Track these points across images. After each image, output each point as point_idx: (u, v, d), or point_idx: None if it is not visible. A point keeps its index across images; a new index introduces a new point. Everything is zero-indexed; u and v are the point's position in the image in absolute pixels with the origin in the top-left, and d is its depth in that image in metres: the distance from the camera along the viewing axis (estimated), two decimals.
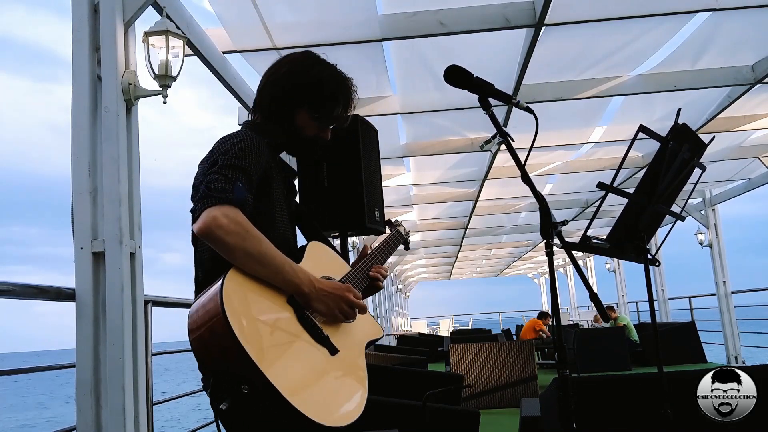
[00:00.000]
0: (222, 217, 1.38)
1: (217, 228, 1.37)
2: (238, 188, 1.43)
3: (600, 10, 3.91)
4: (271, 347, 1.34)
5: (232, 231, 1.38)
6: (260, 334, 1.35)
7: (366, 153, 2.95)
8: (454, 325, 24.63)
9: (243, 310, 1.35)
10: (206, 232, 1.38)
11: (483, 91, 1.70)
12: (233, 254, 1.39)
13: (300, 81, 1.68)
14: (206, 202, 1.40)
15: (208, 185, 1.42)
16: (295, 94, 1.67)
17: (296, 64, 1.72)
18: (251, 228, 1.42)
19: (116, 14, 2.57)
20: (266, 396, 1.28)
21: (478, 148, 5.82)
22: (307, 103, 1.68)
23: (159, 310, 3.14)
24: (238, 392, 1.29)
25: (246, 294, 1.39)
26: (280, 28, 3.91)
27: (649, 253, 2.55)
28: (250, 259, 1.40)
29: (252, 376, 1.28)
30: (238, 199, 1.42)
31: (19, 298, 2.18)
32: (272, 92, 1.69)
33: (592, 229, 2.45)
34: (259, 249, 1.41)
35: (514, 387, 5.78)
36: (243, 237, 1.39)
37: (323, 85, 1.69)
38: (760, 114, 6.13)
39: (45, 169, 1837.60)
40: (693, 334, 8.97)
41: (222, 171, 1.45)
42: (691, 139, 2.51)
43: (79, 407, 2.36)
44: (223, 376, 1.33)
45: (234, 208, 1.40)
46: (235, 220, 1.39)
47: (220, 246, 1.39)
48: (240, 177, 1.45)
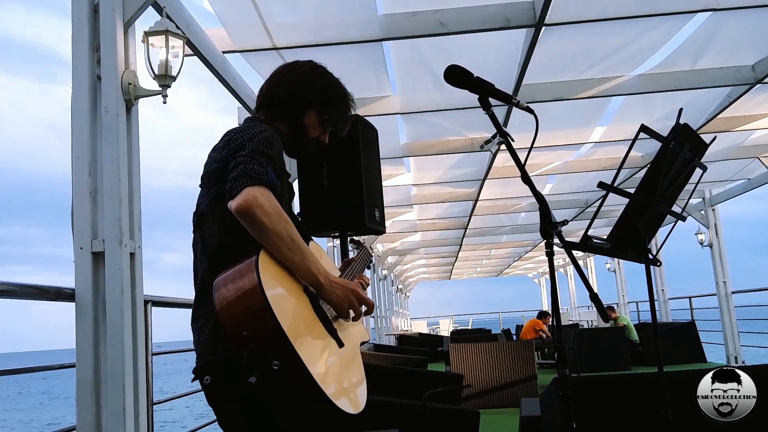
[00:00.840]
0: (261, 197, 1.40)
1: (258, 207, 1.39)
2: (270, 174, 1.46)
3: (600, 10, 3.91)
4: (298, 328, 1.38)
5: (269, 212, 1.40)
6: (290, 314, 1.38)
7: (366, 153, 2.95)
8: (454, 325, 24.62)
9: (276, 289, 1.38)
10: (246, 209, 1.39)
11: (483, 91, 1.70)
12: (267, 235, 1.41)
13: (315, 82, 1.76)
14: (245, 180, 1.41)
15: (245, 165, 1.44)
16: (311, 94, 1.75)
17: (311, 67, 1.80)
18: (284, 212, 1.44)
19: (116, 14, 2.57)
20: (296, 373, 1.30)
21: (478, 148, 5.83)
22: (319, 104, 1.75)
23: (159, 310, 3.14)
24: (267, 368, 1.31)
25: (276, 272, 1.43)
26: (280, 28, 3.91)
27: (650, 253, 2.55)
28: (281, 242, 1.42)
29: (284, 353, 1.30)
30: (272, 182, 1.45)
31: (19, 298, 2.18)
32: (289, 89, 1.75)
33: (592, 229, 2.45)
34: (291, 233, 1.44)
35: (514, 387, 5.79)
36: (278, 219, 1.41)
37: (335, 90, 1.78)
38: (760, 114, 6.13)
39: (45, 169, 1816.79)
40: (693, 334, 8.97)
41: (253, 155, 1.47)
42: (692, 139, 2.51)
43: (79, 407, 2.36)
44: (253, 350, 1.34)
45: (269, 190, 1.43)
46: (271, 202, 1.42)
47: (256, 225, 1.41)
48: (269, 163, 1.49)
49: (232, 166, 1.46)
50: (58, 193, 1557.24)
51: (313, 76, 1.77)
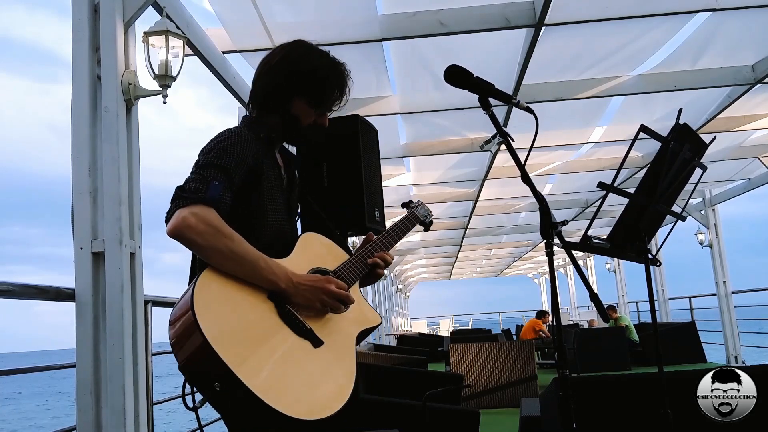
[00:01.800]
0: (191, 216, 1.39)
1: (186, 228, 1.38)
2: (213, 187, 1.44)
3: (600, 10, 3.91)
4: (244, 344, 1.35)
5: (201, 230, 1.39)
6: (233, 332, 1.35)
7: (366, 153, 2.95)
8: (454, 325, 24.63)
9: (216, 308, 1.36)
10: (176, 233, 1.39)
11: (483, 91, 1.70)
12: (205, 253, 1.41)
13: (293, 68, 1.68)
14: (177, 203, 1.41)
15: (182, 186, 1.44)
16: (289, 82, 1.67)
17: (288, 52, 1.71)
18: (222, 227, 1.42)
19: (116, 14, 2.57)
20: (237, 392, 1.29)
21: (478, 148, 5.83)
22: (302, 90, 1.68)
23: (159, 310, 3.14)
24: (212, 389, 1.31)
25: (221, 292, 1.40)
26: (279, 28, 3.91)
27: (650, 253, 2.55)
28: (223, 257, 1.41)
29: (222, 374, 1.29)
30: (211, 198, 1.42)
31: (19, 298, 2.18)
32: (266, 82, 1.70)
33: (592, 229, 2.45)
34: (231, 247, 1.41)
35: (514, 387, 5.79)
36: (213, 236, 1.40)
37: (317, 71, 1.68)
38: (760, 114, 6.12)
39: (45, 169, 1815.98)
40: (693, 334, 8.97)
41: (199, 170, 1.46)
42: (692, 139, 2.51)
43: (79, 407, 2.36)
44: (196, 375, 1.35)
45: (205, 207, 1.41)
46: (204, 219, 1.40)
47: (191, 246, 1.41)
48: (217, 175, 1.46)
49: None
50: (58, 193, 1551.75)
51: (289, 61, 1.68)
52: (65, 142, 2.56)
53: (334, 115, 1.84)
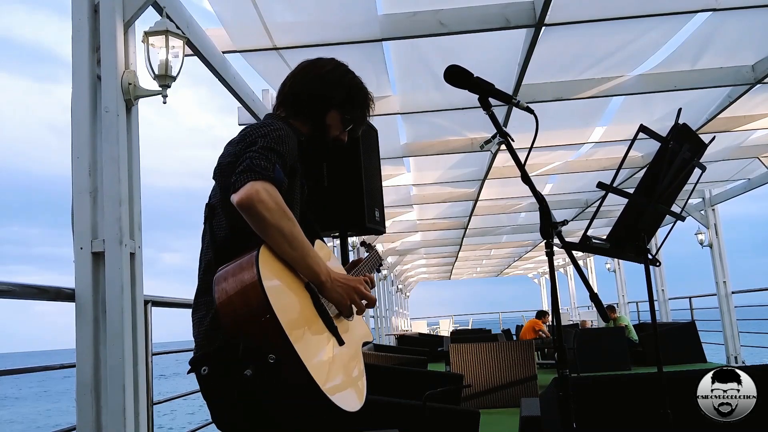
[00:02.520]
0: (264, 191, 1.41)
1: (259, 201, 1.40)
2: (277, 170, 1.47)
3: (600, 10, 3.90)
4: (297, 324, 1.39)
5: (271, 207, 1.41)
6: (289, 310, 1.39)
7: (366, 153, 2.95)
8: (454, 325, 24.63)
9: (275, 284, 1.39)
10: (247, 203, 1.40)
11: (483, 91, 1.70)
12: (268, 230, 1.42)
13: (340, 81, 1.78)
14: (249, 175, 1.43)
15: (251, 160, 1.45)
16: (334, 93, 1.76)
17: (335, 66, 1.82)
18: (287, 209, 1.45)
19: (116, 14, 2.57)
20: (292, 367, 1.31)
21: (478, 148, 5.82)
22: (343, 104, 1.77)
23: (159, 310, 3.14)
24: (263, 361, 1.32)
25: (279, 269, 1.44)
26: (280, 28, 3.91)
27: (650, 253, 2.55)
28: (283, 238, 1.43)
29: (280, 347, 1.31)
30: (277, 179, 1.46)
31: (19, 298, 2.18)
32: (313, 88, 1.76)
33: (592, 229, 2.45)
34: (293, 230, 1.45)
35: (514, 387, 5.79)
36: (280, 215, 1.42)
37: (358, 90, 1.80)
38: (760, 114, 6.12)
39: (45, 169, 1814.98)
40: (693, 334, 8.97)
41: (262, 151, 1.49)
42: (691, 139, 2.51)
43: (79, 407, 2.36)
44: (249, 343, 1.35)
45: (273, 186, 1.44)
46: (275, 197, 1.42)
47: (257, 219, 1.42)
48: (278, 160, 1.50)
49: (240, 161, 1.48)
50: (58, 193, 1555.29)
51: (336, 75, 1.78)
52: (65, 142, 2.57)
53: None
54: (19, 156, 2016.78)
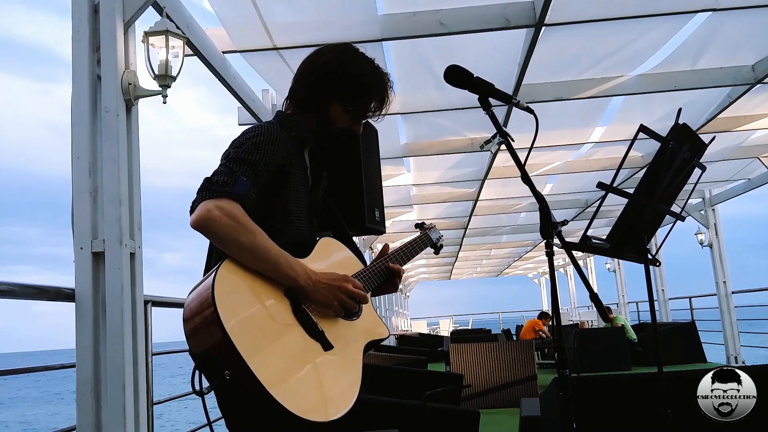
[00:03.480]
0: (216, 209, 1.40)
1: (210, 221, 1.40)
2: (240, 182, 1.45)
3: (600, 10, 3.91)
4: (257, 336, 1.36)
5: (224, 224, 1.40)
6: (248, 323, 1.36)
7: (366, 153, 2.95)
8: (454, 325, 24.61)
9: (234, 297, 1.38)
10: (200, 225, 1.41)
11: (483, 91, 1.70)
12: (227, 247, 1.42)
13: (337, 71, 1.69)
14: (203, 194, 1.43)
15: (209, 178, 1.45)
16: (331, 84, 1.68)
17: (335, 54, 1.73)
18: (246, 221, 1.43)
19: (116, 14, 2.57)
20: (246, 383, 1.30)
21: (478, 148, 5.82)
22: (342, 94, 1.69)
23: (159, 310, 3.14)
24: (221, 377, 1.31)
25: (240, 284, 1.41)
26: (280, 28, 3.91)
27: (649, 253, 2.55)
28: (244, 251, 1.42)
29: (233, 363, 1.29)
30: (237, 193, 1.43)
31: (19, 298, 2.18)
32: (308, 81, 1.71)
33: (592, 229, 2.45)
34: (253, 242, 1.42)
35: (514, 387, 5.78)
36: (236, 230, 1.41)
37: (360, 78, 1.70)
38: (760, 114, 6.12)
39: (45, 169, 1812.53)
40: (693, 334, 8.96)
41: (228, 164, 1.48)
42: (691, 139, 2.51)
43: (79, 407, 2.36)
44: (208, 360, 1.35)
45: (231, 201, 1.42)
46: (229, 213, 1.41)
47: (213, 238, 1.43)
48: (246, 171, 1.47)
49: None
50: (58, 193, 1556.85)
51: (335, 65, 1.70)
52: (65, 142, 2.56)
53: None
54: (19, 156, 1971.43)
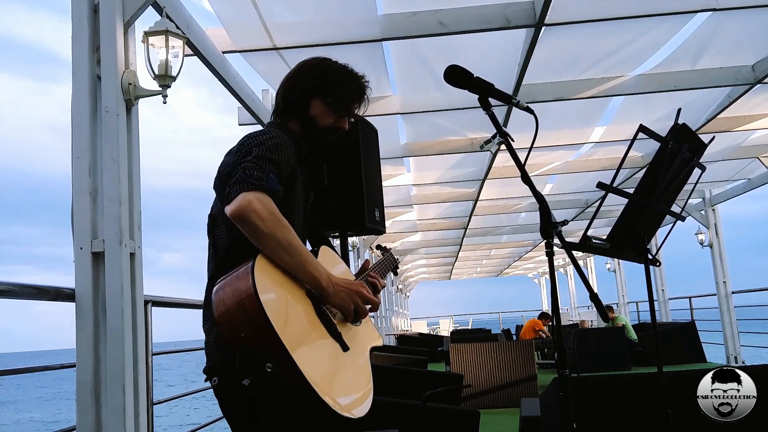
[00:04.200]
0: (257, 201, 1.41)
1: (252, 212, 1.40)
2: (271, 179, 1.47)
3: (600, 10, 3.91)
4: (295, 331, 1.38)
5: (265, 217, 1.41)
6: (286, 318, 1.38)
7: (366, 153, 2.95)
8: (454, 325, 24.62)
9: (271, 290, 1.39)
10: (241, 215, 1.41)
11: (483, 91, 1.70)
12: (263, 240, 1.42)
13: (309, 73, 1.77)
14: (242, 186, 1.43)
15: (244, 171, 1.46)
16: (307, 83, 1.75)
17: (305, 62, 1.82)
18: (282, 217, 1.45)
19: (116, 14, 2.57)
20: (289, 375, 1.31)
21: (478, 148, 5.83)
22: (320, 90, 1.74)
23: (159, 310, 3.14)
24: (261, 370, 1.32)
25: (273, 277, 1.43)
26: (279, 28, 3.91)
27: (650, 253, 2.55)
28: (279, 247, 1.43)
29: (277, 356, 1.30)
30: (271, 188, 1.46)
31: (19, 298, 2.18)
32: (284, 91, 1.77)
33: (592, 229, 2.45)
34: (288, 238, 1.44)
35: (514, 387, 5.79)
36: (275, 224, 1.42)
37: (334, 73, 1.77)
38: (760, 114, 6.12)
39: (45, 169, 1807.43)
40: (693, 334, 8.97)
41: (256, 161, 1.49)
42: (690, 139, 2.51)
43: (79, 407, 2.36)
44: (249, 354, 1.35)
45: (267, 196, 1.44)
46: (268, 207, 1.43)
47: (251, 230, 1.42)
48: (273, 169, 1.50)
49: (234, 171, 1.48)
50: (58, 193, 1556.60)
51: (308, 67, 1.79)
52: (65, 142, 2.55)
53: None
54: (19, 156, 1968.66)
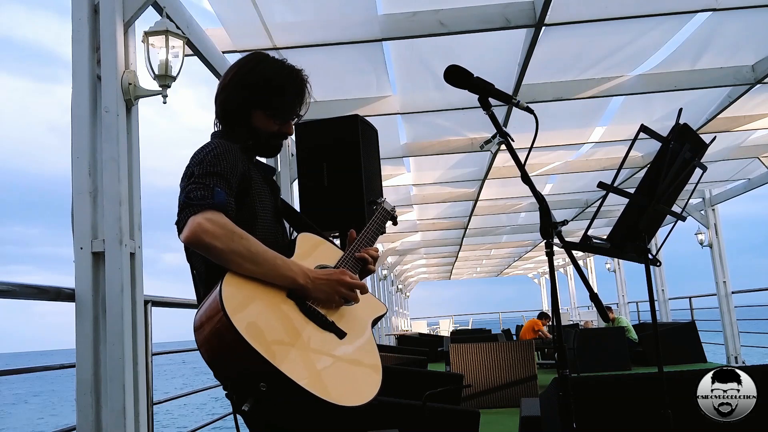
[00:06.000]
0: (206, 222, 1.39)
1: (203, 233, 1.38)
2: (217, 193, 1.44)
3: (600, 10, 3.91)
4: (279, 341, 1.36)
5: (218, 234, 1.38)
6: (266, 331, 1.36)
7: (366, 153, 2.95)
8: (454, 325, 24.61)
9: (245, 310, 1.37)
10: (193, 240, 1.39)
11: (483, 91, 1.70)
12: (224, 257, 1.40)
13: (246, 82, 1.68)
14: (188, 211, 1.41)
15: (187, 195, 1.43)
16: (244, 96, 1.67)
17: (240, 66, 1.72)
18: (237, 229, 1.42)
19: (116, 14, 2.57)
20: (284, 389, 1.30)
21: (478, 148, 5.83)
22: (258, 102, 1.67)
23: (159, 310, 3.14)
24: (256, 391, 1.31)
25: (245, 294, 1.40)
26: (279, 28, 3.91)
27: (650, 253, 2.55)
28: (241, 259, 1.40)
29: (266, 373, 1.29)
30: (219, 203, 1.43)
31: (19, 298, 2.18)
32: (223, 99, 1.70)
33: (592, 229, 2.45)
34: (249, 248, 1.42)
35: (514, 387, 5.79)
36: (230, 238, 1.40)
37: (271, 80, 1.68)
38: (760, 114, 6.13)
39: (45, 169, 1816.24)
40: (693, 334, 8.97)
41: (199, 180, 1.46)
42: (691, 139, 2.51)
43: (79, 407, 2.36)
44: (239, 379, 1.34)
45: (216, 212, 1.41)
46: (219, 223, 1.40)
47: (209, 251, 1.40)
48: (218, 182, 1.46)
49: (179, 199, 1.46)
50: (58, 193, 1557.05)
51: (240, 76, 1.69)
52: (65, 142, 2.56)
53: (335, 116, 1.83)
54: (19, 156, 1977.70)
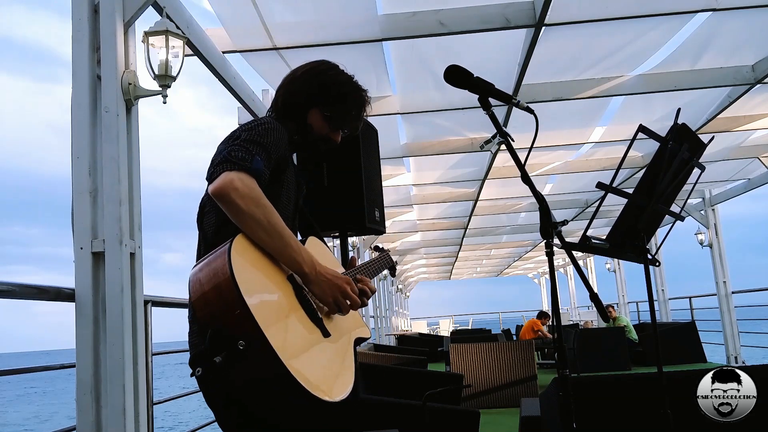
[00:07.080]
0: (238, 180, 1.41)
1: (233, 190, 1.40)
2: (257, 161, 1.47)
3: (600, 10, 3.91)
4: (270, 311, 1.36)
5: (245, 195, 1.40)
6: (262, 297, 1.36)
7: (366, 153, 2.95)
8: (454, 325, 24.62)
9: (248, 271, 1.38)
10: (221, 193, 1.40)
11: (483, 91, 1.70)
12: (243, 218, 1.41)
13: (317, 79, 1.76)
14: (225, 165, 1.43)
15: (229, 152, 1.46)
16: (310, 92, 1.74)
17: (315, 66, 1.80)
18: (264, 198, 1.44)
19: (116, 14, 2.57)
20: (262, 355, 1.28)
21: (478, 148, 5.83)
22: (321, 101, 1.74)
23: (159, 310, 3.14)
24: (233, 347, 1.29)
25: (251, 258, 1.41)
26: (279, 28, 3.92)
27: (649, 253, 2.55)
28: (259, 227, 1.42)
29: (250, 334, 1.28)
30: (255, 169, 1.45)
31: (19, 298, 2.18)
32: (288, 90, 1.77)
33: (592, 229, 2.45)
34: (269, 219, 1.43)
35: (514, 387, 5.79)
36: (255, 203, 1.41)
37: (337, 86, 1.76)
38: (760, 114, 6.12)
39: (45, 169, 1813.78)
40: (693, 334, 8.97)
41: (243, 144, 1.49)
42: (690, 139, 2.51)
43: (79, 407, 2.36)
44: (221, 331, 1.32)
45: (250, 176, 1.43)
46: (249, 186, 1.42)
47: (232, 208, 1.41)
48: (260, 152, 1.49)
49: (216, 157, 1.49)
50: (58, 193, 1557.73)
51: (313, 74, 1.77)
52: (65, 142, 2.56)
53: None
54: (19, 156, 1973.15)
